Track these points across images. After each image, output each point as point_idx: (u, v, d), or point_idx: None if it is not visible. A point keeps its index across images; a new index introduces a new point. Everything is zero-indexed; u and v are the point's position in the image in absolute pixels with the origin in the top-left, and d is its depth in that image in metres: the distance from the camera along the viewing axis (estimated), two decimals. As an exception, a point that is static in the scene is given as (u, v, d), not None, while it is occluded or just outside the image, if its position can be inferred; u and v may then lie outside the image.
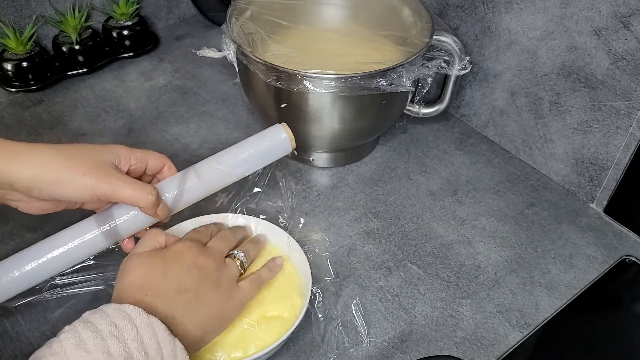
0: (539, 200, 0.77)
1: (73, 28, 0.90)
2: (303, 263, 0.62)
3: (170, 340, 0.46)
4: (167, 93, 0.91)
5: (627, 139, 0.69)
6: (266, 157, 0.63)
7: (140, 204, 0.55)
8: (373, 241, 0.71)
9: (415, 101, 0.80)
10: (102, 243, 0.57)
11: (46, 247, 0.56)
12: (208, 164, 0.61)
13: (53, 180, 0.52)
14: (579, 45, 0.70)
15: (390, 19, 0.80)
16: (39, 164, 0.52)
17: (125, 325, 0.45)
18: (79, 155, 0.53)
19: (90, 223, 0.57)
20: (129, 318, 0.45)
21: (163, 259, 0.53)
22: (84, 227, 0.57)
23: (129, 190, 0.54)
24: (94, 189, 0.53)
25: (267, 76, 0.67)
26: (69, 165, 0.52)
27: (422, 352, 0.60)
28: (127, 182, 0.54)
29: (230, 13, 0.75)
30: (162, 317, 0.48)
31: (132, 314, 0.46)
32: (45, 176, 0.52)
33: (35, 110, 0.86)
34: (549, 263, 0.70)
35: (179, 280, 0.52)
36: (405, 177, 0.80)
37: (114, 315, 0.45)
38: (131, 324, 0.45)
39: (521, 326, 0.63)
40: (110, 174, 0.54)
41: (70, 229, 0.57)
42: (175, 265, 0.53)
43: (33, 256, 0.55)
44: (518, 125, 0.81)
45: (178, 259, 0.53)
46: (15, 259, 0.55)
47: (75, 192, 0.53)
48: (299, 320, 0.56)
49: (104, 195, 0.53)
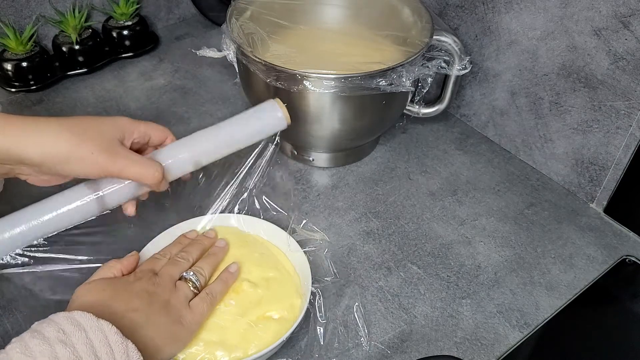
0: (539, 200, 0.77)
1: (73, 28, 0.90)
2: (303, 263, 0.62)
3: (122, 341, 0.45)
4: (167, 93, 0.91)
5: (627, 139, 0.69)
6: (262, 133, 0.64)
7: (147, 181, 0.56)
8: (373, 241, 0.71)
9: (415, 101, 0.80)
10: (94, 209, 0.58)
11: (38, 210, 0.57)
12: (204, 137, 0.62)
13: (63, 158, 0.53)
14: (579, 45, 0.70)
15: (390, 19, 0.80)
16: (48, 143, 0.53)
17: (73, 330, 0.44)
18: (86, 133, 0.54)
19: (82, 189, 0.58)
20: (77, 323, 0.45)
21: (114, 285, 0.54)
22: (77, 193, 0.58)
23: (136, 168, 0.55)
24: (102, 169, 0.54)
25: (267, 76, 0.67)
26: (77, 144, 0.53)
27: (422, 352, 0.60)
28: (134, 161, 0.56)
29: (230, 13, 0.75)
30: None
31: (80, 320, 0.45)
32: (55, 155, 0.53)
33: (35, 110, 0.86)
34: (549, 263, 0.70)
35: (128, 302, 0.52)
36: (405, 177, 0.80)
37: (61, 322, 0.45)
38: (79, 328, 0.44)
39: (521, 326, 0.63)
40: (117, 152, 0.55)
41: (63, 194, 0.58)
42: (124, 291, 0.53)
43: (24, 219, 0.56)
44: (518, 125, 0.81)
45: (129, 286, 0.54)
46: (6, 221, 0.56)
47: (84, 170, 0.54)
48: (299, 320, 0.56)
49: (111, 174, 0.55)
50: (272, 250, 0.65)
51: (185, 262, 0.59)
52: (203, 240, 0.63)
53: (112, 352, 0.44)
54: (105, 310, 0.49)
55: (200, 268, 0.59)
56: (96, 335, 0.44)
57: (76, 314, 0.46)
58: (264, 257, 0.63)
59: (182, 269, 0.58)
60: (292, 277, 0.62)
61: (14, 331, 0.59)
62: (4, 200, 0.63)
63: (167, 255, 0.60)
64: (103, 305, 0.50)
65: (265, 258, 0.63)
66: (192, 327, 0.54)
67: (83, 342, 0.44)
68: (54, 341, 0.43)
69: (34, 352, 0.42)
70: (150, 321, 0.51)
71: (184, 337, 0.54)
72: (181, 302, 0.55)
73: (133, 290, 0.53)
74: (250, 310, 0.58)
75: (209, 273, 0.59)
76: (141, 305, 0.52)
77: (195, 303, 0.56)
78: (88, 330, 0.45)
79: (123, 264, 0.57)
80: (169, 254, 0.60)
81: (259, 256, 0.63)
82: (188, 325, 0.54)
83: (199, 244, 0.62)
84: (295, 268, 0.63)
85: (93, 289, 0.53)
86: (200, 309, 0.55)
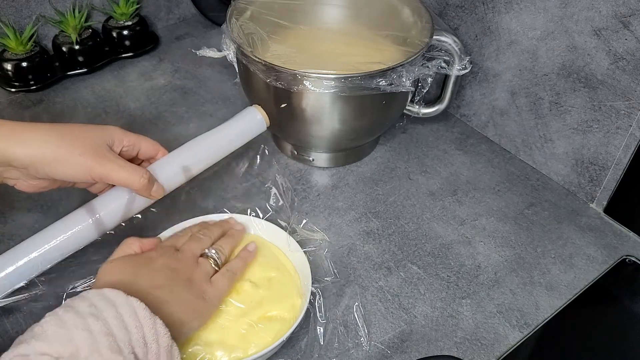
0: (539, 200, 0.77)
1: (73, 28, 0.90)
2: (303, 263, 0.62)
3: (150, 317, 0.47)
4: (167, 93, 0.91)
5: (627, 139, 0.69)
6: (244, 137, 0.69)
7: (134, 186, 0.58)
8: (373, 241, 0.71)
9: (415, 101, 0.80)
10: (94, 233, 0.59)
11: (38, 241, 0.57)
12: (191, 147, 0.65)
13: (51, 160, 0.54)
14: (579, 45, 0.70)
15: (390, 19, 0.80)
16: (36, 144, 0.54)
17: (104, 305, 0.46)
18: (74, 136, 0.56)
19: (81, 213, 0.59)
20: (107, 299, 0.47)
21: (136, 263, 0.55)
22: (75, 219, 0.59)
23: (122, 172, 0.57)
24: (89, 170, 0.56)
25: (267, 76, 0.67)
26: (65, 146, 0.55)
27: (422, 352, 0.60)
28: (121, 165, 0.57)
29: (230, 13, 0.74)
30: None
31: (110, 296, 0.47)
32: (43, 156, 0.54)
33: (35, 110, 0.86)
34: (549, 263, 0.70)
35: (152, 279, 0.53)
36: (405, 177, 0.80)
37: (93, 298, 0.47)
38: (110, 304, 0.46)
39: (521, 326, 0.63)
40: (104, 156, 0.56)
41: (62, 221, 0.59)
42: (147, 267, 0.54)
43: (26, 250, 0.57)
44: (518, 125, 0.81)
45: (150, 262, 0.55)
46: (8, 255, 0.57)
47: (71, 171, 0.55)
48: (299, 320, 0.56)
49: (99, 176, 0.56)
50: (273, 250, 0.65)
51: (207, 238, 0.60)
52: (222, 224, 0.64)
53: (142, 326, 0.46)
54: (130, 288, 0.50)
55: (221, 246, 0.60)
56: (126, 311, 0.46)
57: (106, 290, 0.47)
58: (265, 257, 0.63)
59: (204, 246, 0.59)
60: (293, 277, 0.62)
61: (13, 331, 0.59)
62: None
63: (189, 233, 0.61)
64: (128, 283, 0.51)
65: (267, 258, 0.63)
66: (214, 302, 0.56)
67: (114, 317, 0.45)
68: (87, 315, 0.44)
69: (68, 324, 0.44)
70: (175, 297, 0.52)
71: (206, 312, 0.55)
72: (203, 277, 0.56)
73: (155, 267, 0.54)
74: (251, 310, 0.58)
75: (228, 252, 0.61)
76: (165, 282, 0.53)
77: (217, 279, 0.57)
78: (118, 306, 0.46)
79: (142, 242, 0.58)
80: (190, 232, 0.61)
81: (259, 256, 0.63)
82: (210, 300, 0.55)
83: (219, 225, 0.64)
84: (295, 268, 0.63)
85: (115, 267, 0.54)
86: (221, 284, 0.57)
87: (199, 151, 0.65)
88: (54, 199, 0.71)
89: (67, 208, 0.69)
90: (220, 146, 0.67)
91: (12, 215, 0.71)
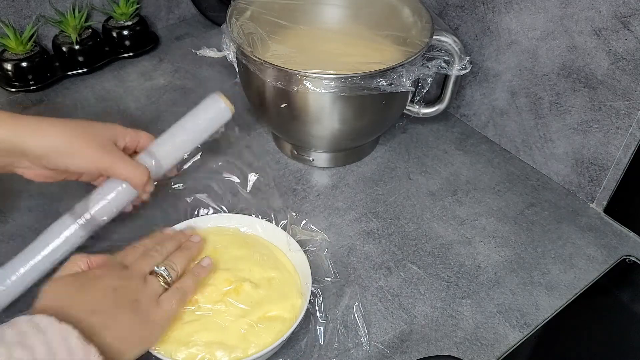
0: (539, 200, 0.77)
1: (73, 28, 0.90)
2: (303, 263, 0.62)
3: (82, 346, 0.45)
4: (167, 93, 0.91)
5: (627, 139, 0.69)
6: (211, 127, 0.69)
7: (134, 181, 0.61)
8: (373, 241, 0.71)
9: (415, 101, 0.80)
10: (82, 234, 0.61)
11: (31, 252, 0.60)
12: (162, 145, 0.66)
13: (64, 152, 0.59)
14: (579, 45, 0.70)
15: (390, 19, 0.80)
16: (51, 137, 0.58)
17: (32, 332, 0.44)
18: (85, 131, 0.60)
19: (67, 219, 0.61)
20: (36, 326, 0.45)
21: (79, 282, 0.53)
22: (62, 225, 0.61)
23: (126, 166, 0.61)
24: (97, 163, 0.60)
25: (267, 76, 0.67)
26: (78, 140, 0.59)
27: (422, 352, 0.60)
28: (125, 161, 0.61)
29: (230, 13, 0.75)
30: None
31: (41, 323, 0.45)
32: (57, 148, 0.58)
33: (35, 111, 0.86)
34: (549, 263, 0.70)
35: (92, 302, 0.51)
36: (405, 177, 0.80)
37: (22, 325, 0.45)
38: (39, 331, 0.44)
39: (521, 326, 0.63)
40: (111, 151, 0.61)
41: (50, 230, 0.61)
42: (90, 288, 0.52)
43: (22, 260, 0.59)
44: (518, 125, 0.81)
45: (94, 282, 0.53)
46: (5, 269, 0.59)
47: (83, 163, 0.60)
48: (299, 320, 0.56)
49: (105, 169, 0.61)
50: (273, 250, 0.65)
51: (157, 255, 0.57)
52: (178, 236, 0.62)
53: (72, 355, 0.44)
54: (68, 312, 0.48)
55: (172, 262, 0.57)
56: (56, 338, 0.44)
57: (37, 317, 0.46)
58: (265, 258, 0.63)
59: (154, 263, 0.56)
60: (293, 277, 0.62)
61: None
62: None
63: (140, 248, 0.59)
64: (67, 307, 0.49)
65: (266, 258, 0.63)
66: (161, 324, 0.53)
67: (41, 343, 0.43)
68: (12, 343, 0.43)
69: None
70: (116, 322, 0.50)
71: (151, 336, 0.53)
72: (150, 298, 0.53)
73: (98, 287, 0.52)
74: (251, 310, 0.58)
75: (181, 268, 0.58)
76: (106, 305, 0.51)
77: (165, 298, 0.54)
78: (48, 334, 0.44)
79: (90, 259, 0.55)
80: (142, 247, 0.59)
81: (259, 256, 0.63)
82: (155, 323, 0.53)
83: (174, 239, 0.61)
84: (295, 268, 0.63)
85: (57, 287, 0.52)
86: (168, 305, 0.54)
87: (168, 148, 0.66)
88: (55, 199, 0.71)
89: (67, 208, 0.69)
90: (189, 140, 0.68)
91: (13, 215, 0.71)
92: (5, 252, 0.66)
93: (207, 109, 0.68)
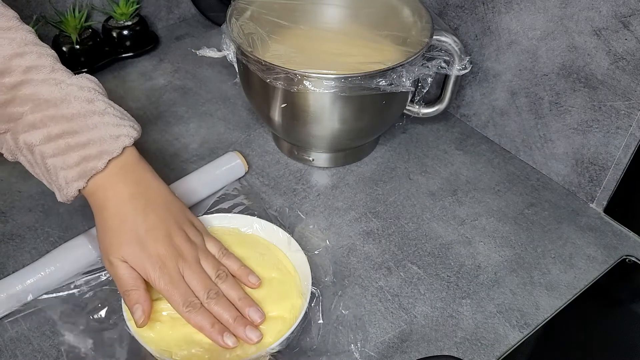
0: (539, 200, 0.77)
1: (73, 28, 0.90)
2: (303, 263, 0.62)
3: None
4: (167, 93, 0.91)
5: (627, 139, 0.69)
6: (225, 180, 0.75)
7: None
8: (373, 241, 0.71)
9: (415, 101, 0.80)
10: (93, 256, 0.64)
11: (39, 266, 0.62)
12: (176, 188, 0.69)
13: None
14: (579, 45, 0.70)
15: (390, 19, 0.80)
16: None
17: None
18: None
19: (82, 240, 0.64)
20: None
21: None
22: (76, 244, 0.64)
23: None
24: None
25: (267, 76, 0.67)
26: None
27: (422, 352, 0.60)
28: None
29: (230, 13, 0.75)
30: None
31: None
32: None
33: (35, 110, 0.86)
34: (549, 263, 0.70)
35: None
36: (405, 177, 0.80)
37: None
38: None
39: (521, 326, 0.63)
40: None
41: (63, 247, 0.64)
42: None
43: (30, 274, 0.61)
44: (518, 125, 0.81)
45: None
46: (14, 277, 0.61)
47: None
48: (299, 320, 0.56)
49: None
50: (273, 250, 0.65)
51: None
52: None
53: None
54: None
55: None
56: None
57: None
58: (265, 258, 0.63)
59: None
60: (293, 277, 0.62)
61: (13, 330, 0.59)
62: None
63: None
64: None
65: (266, 258, 0.63)
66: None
67: None
68: None
69: None
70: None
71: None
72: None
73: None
74: (250, 310, 0.58)
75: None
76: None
77: None
78: None
79: None
80: None
81: (259, 256, 0.63)
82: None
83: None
84: (295, 268, 0.63)
85: None
86: None
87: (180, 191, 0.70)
88: (55, 199, 0.71)
89: (67, 207, 0.69)
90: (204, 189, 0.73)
91: (13, 215, 0.71)
92: (6, 251, 0.66)
93: (225, 165, 0.75)
